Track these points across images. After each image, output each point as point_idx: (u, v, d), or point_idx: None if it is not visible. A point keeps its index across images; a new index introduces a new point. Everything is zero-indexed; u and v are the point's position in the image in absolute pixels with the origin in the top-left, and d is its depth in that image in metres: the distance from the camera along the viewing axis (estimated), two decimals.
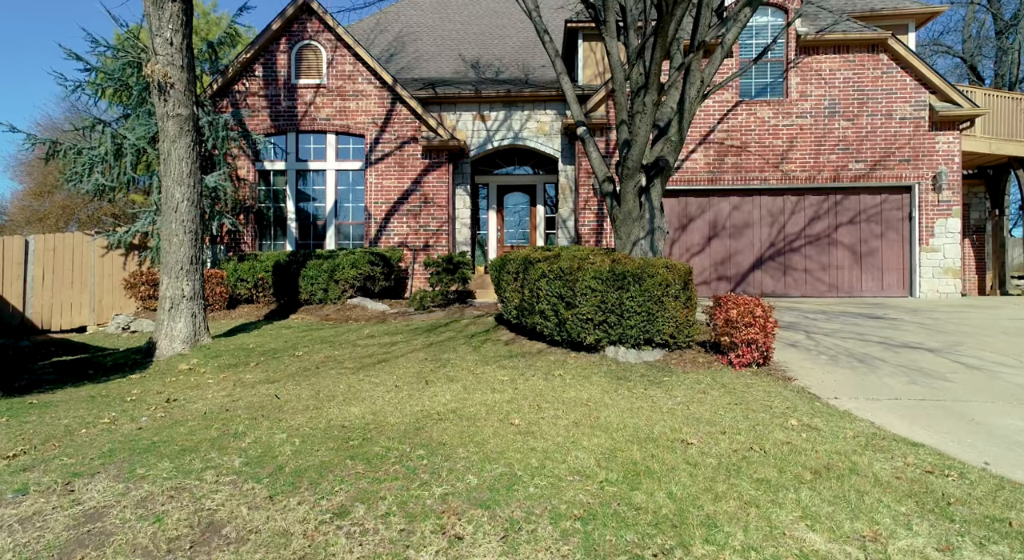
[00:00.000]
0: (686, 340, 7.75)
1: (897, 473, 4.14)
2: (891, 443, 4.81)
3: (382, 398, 5.48)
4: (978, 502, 3.73)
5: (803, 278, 14.76)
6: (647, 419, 4.82)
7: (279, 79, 15.33)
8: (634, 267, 7.64)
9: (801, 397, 6.04)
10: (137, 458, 4.11)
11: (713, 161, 14.73)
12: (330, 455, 3.90)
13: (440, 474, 3.59)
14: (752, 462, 4.04)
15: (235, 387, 6.87)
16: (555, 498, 3.35)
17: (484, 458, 3.82)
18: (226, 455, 4.02)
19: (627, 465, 3.78)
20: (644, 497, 3.39)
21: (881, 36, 14.00)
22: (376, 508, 3.24)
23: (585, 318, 7.69)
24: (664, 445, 4.19)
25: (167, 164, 9.42)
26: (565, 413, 4.86)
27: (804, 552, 2.96)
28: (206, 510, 3.29)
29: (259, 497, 3.38)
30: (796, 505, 3.44)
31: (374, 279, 13.58)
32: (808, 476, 3.89)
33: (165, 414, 5.65)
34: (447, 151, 15.29)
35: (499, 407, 4.98)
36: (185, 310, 9.52)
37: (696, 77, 8.95)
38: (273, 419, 4.89)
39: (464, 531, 3.05)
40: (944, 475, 4.19)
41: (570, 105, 9.82)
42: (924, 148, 14.19)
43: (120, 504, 3.43)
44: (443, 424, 4.47)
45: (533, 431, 4.36)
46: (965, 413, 5.67)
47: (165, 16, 9.08)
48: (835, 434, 4.95)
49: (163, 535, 3.11)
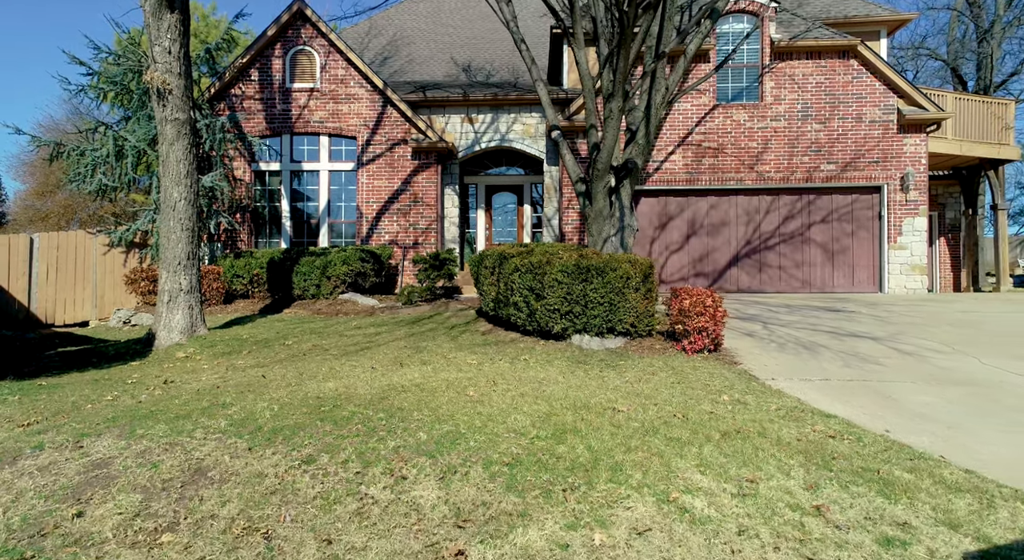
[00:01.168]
0: (646, 329, 8.36)
1: (800, 437, 4.75)
2: (807, 415, 5.41)
3: (357, 377, 6.09)
4: (859, 458, 4.33)
5: (778, 275, 15.37)
6: (589, 393, 5.44)
7: (274, 83, 15.95)
8: (598, 261, 8.25)
9: (741, 378, 6.64)
10: (137, 423, 4.71)
11: (691, 162, 15.33)
12: (303, 418, 4.51)
13: (395, 432, 4.20)
14: (672, 426, 4.65)
15: (227, 370, 7.47)
16: (490, 450, 3.96)
17: (435, 419, 4.43)
18: (214, 419, 4.63)
19: (558, 426, 4.39)
20: (566, 449, 3.99)
21: (851, 43, 14.60)
22: (337, 457, 3.85)
23: (552, 308, 8.30)
24: (596, 412, 4.79)
25: (165, 165, 10.03)
26: (516, 388, 5.47)
27: (688, 488, 3.57)
28: (195, 459, 3.90)
29: (240, 449, 3.99)
30: (696, 457, 4.04)
31: (365, 275, 14.18)
32: (717, 436, 4.49)
33: (162, 392, 6.26)
34: (436, 152, 15.90)
35: (459, 382, 5.58)
36: (183, 303, 10.12)
37: (661, 84, 9.55)
38: (258, 393, 5.50)
39: (409, 473, 3.66)
40: (842, 439, 4.79)
41: (545, 110, 10.42)
42: (892, 150, 14.80)
43: (122, 455, 4.04)
44: (405, 394, 5.08)
45: (483, 400, 4.97)
46: (885, 391, 6.27)
47: (163, 26, 9.69)
48: (760, 407, 5.55)
49: (159, 477, 3.72)
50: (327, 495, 3.45)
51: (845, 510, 3.47)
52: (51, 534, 3.24)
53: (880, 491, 3.76)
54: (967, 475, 4.14)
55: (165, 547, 3.09)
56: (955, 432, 5.14)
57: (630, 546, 3.03)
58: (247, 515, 3.30)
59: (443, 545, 3.03)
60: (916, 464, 4.28)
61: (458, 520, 3.25)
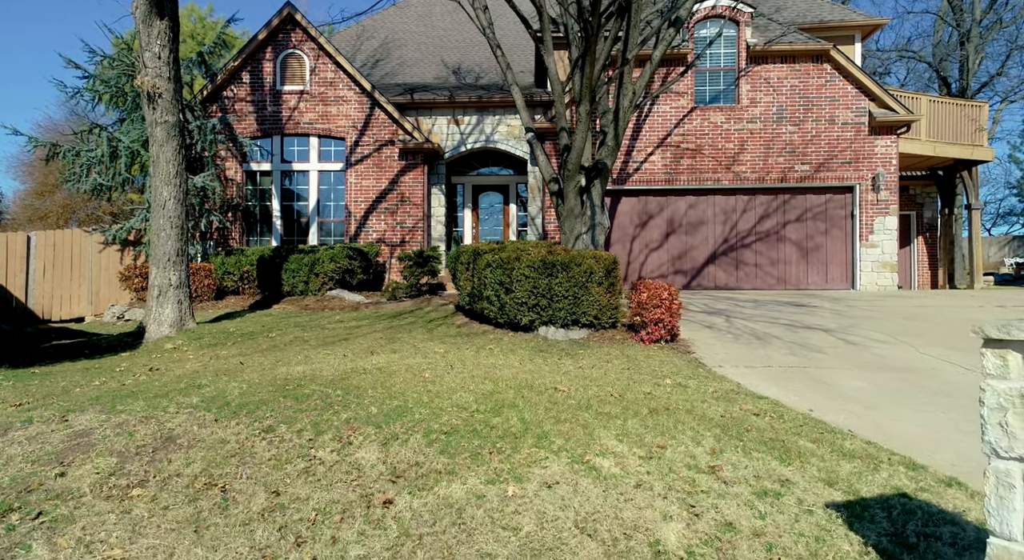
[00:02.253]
0: (609, 321, 8.81)
1: (725, 414, 5.19)
2: (740, 396, 5.86)
3: (328, 363, 6.55)
4: (773, 431, 4.78)
5: (754, 272, 15.82)
6: (538, 376, 5.89)
7: (265, 85, 16.40)
8: (564, 257, 8.70)
9: (690, 365, 7.10)
10: (118, 401, 5.17)
11: (670, 163, 15.78)
12: (268, 396, 4.96)
13: (349, 406, 4.65)
14: (605, 403, 5.10)
15: (210, 359, 7.93)
16: (432, 421, 4.41)
17: (387, 396, 4.88)
18: (188, 397, 5.08)
19: (499, 402, 4.84)
20: (500, 420, 4.44)
21: (823, 47, 15.05)
22: (294, 427, 4.30)
23: (520, 302, 8.75)
24: (538, 391, 5.25)
25: (155, 166, 10.48)
26: (471, 371, 5.92)
27: (601, 452, 4.02)
28: (166, 429, 4.35)
29: (207, 420, 4.44)
30: (619, 428, 4.49)
31: (352, 272, 14.63)
32: (645, 412, 4.94)
33: (147, 378, 6.72)
34: (422, 153, 16.35)
35: (418, 367, 6.03)
36: (172, 297, 10.57)
37: (628, 89, 10.00)
38: (232, 376, 5.95)
39: (355, 440, 4.11)
40: (765, 416, 5.24)
41: (520, 113, 10.88)
42: (864, 151, 15.25)
43: (102, 427, 4.49)
44: (365, 376, 5.53)
45: (436, 381, 5.42)
46: (821, 377, 6.72)
47: (153, 33, 10.15)
48: (698, 390, 6.00)
49: (133, 444, 4.17)
50: (280, 457, 3.91)
51: (738, 470, 3.92)
52: (36, 490, 3.70)
53: (778, 457, 4.21)
54: (866, 446, 4.58)
55: (135, 499, 3.55)
56: (873, 411, 5.59)
57: (537, 496, 3.48)
58: (208, 473, 3.76)
59: (375, 495, 3.49)
60: (823, 436, 4.73)
61: (392, 476, 3.70)
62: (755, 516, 3.33)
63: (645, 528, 3.20)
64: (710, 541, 3.12)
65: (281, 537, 3.16)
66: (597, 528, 3.19)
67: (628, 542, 3.09)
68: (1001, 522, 2.28)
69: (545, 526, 3.21)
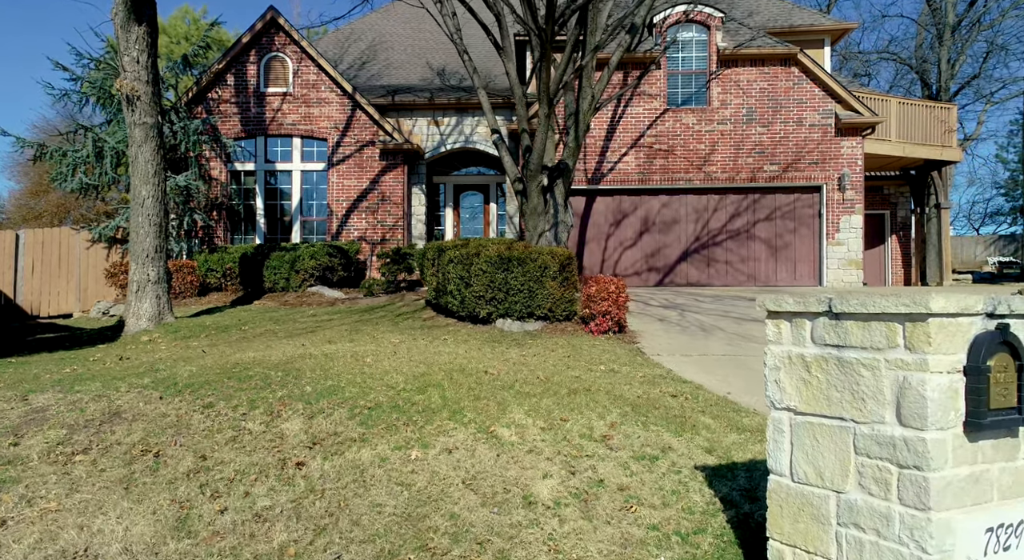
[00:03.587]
0: (564, 314, 9.21)
1: (642, 395, 5.59)
2: (666, 381, 6.26)
3: (282, 350, 6.95)
4: (680, 409, 5.17)
5: (725, 269, 16.22)
6: (474, 361, 6.29)
7: (249, 87, 16.82)
8: (520, 253, 9.10)
9: (630, 353, 7.50)
10: (77, 383, 5.57)
11: (644, 163, 16.18)
12: (214, 377, 5.36)
13: (287, 386, 5.05)
14: (529, 384, 5.50)
15: (180, 349, 8.33)
16: (360, 399, 4.81)
17: (324, 377, 5.28)
18: (141, 379, 5.49)
19: (427, 383, 5.24)
20: (423, 398, 4.85)
21: (791, 51, 15.46)
22: (231, 403, 4.71)
23: (478, 295, 9.16)
24: (468, 373, 5.65)
25: (135, 165, 10.89)
26: (412, 357, 6.32)
27: (507, 424, 4.42)
28: (115, 405, 4.76)
29: (153, 398, 4.85)
30: (532, 405, 4.89)
31: (333, 269, 15.03)
32: (564, 392, 5.34)
33: (114, 365, 7.12)
34: (403, 154, 16.77)
35: (363, 353, 6.44)
36: (150, 292, 10.96)
37: (587, 92, 10.41)
38: (189, 362, 6.36)
39: (284, 414, 4.52)
40: (681, 397, 5.63)
41: (487, 115, 11.29)
42: (831, 152, 15.65)
43: (58, 404, 4.90)
44: (309, 360, 5.93)
45: (375, 365, 5.82)
46: (749, 365, 7.12)
47: (132, 38, 10.56)
48: (627, 374, 6.40)
49: (83, 418, 4.58)
50: (212, 428, 4.31)
51: (629, 439, 4.32)
52: None
53: (673, 430, 4.61)
54: (764, 422, 4.98)
55: (76, 463, 3.95)
56: None
57: (436, 459, 3.89)
58: (146, 442, 4.16)
59: (291, 459, 3.89)
60: (726, 414, 5.13)
61: (311, 443, 4.10)
62: (625, 475, 3.74)
63: (524, 484, 3.60)
64: (578, 494, 3.52)
65: (200, 492, 3.56)
66: (480, 484, 3.59)
67: (505, 494, 3.50)
68: (776, 461, 2.69)
69: (435, 482, 3.62)
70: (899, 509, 2.20)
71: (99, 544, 3.11)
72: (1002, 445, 2.28)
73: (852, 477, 2.36)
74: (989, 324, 2.22)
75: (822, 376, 2.50)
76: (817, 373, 2.53)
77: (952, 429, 2.17)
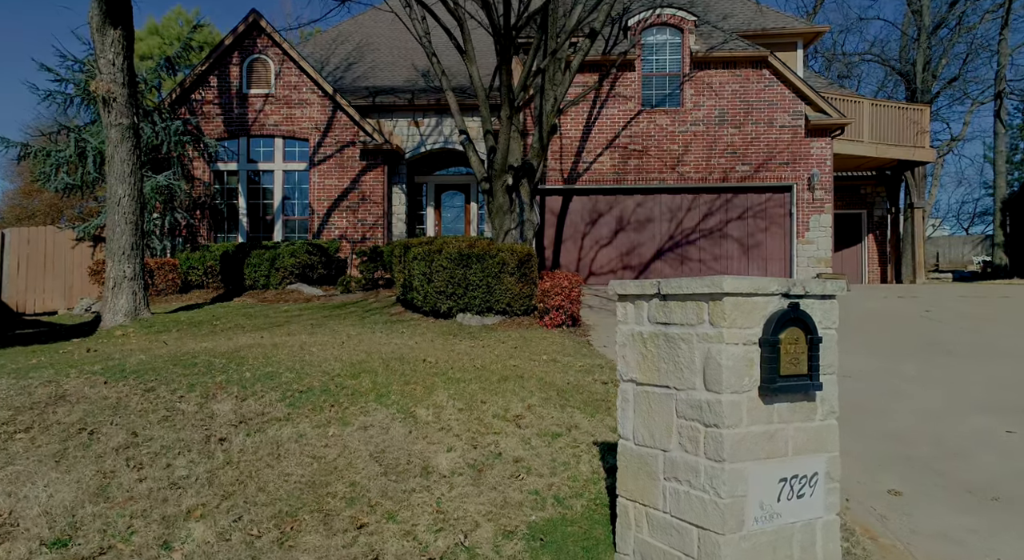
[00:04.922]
0: (522, 308, 9.49)
1: (572, 382, 5.87)
2: (602, 369, 6.53)
3: (236, 341, 7.23)
4: (604, 395, 5.45)
5: (698, 267, 16.49)
6: (416, 350, 6.57)
7: (232, 89, 17.11)
8: (480, 250, 9.39)
9: (577, 345, 7.77)
10: (33, 371, 5.85)
11: (619, 163, 16.48)
12: (162, 365, 5.64)
13: (228, 372, 5.33)
14: (462, 371, 5.77)
15: (148, 343, 8.60)
16: (295, 383, 5.10)
17: (265, 364, 5.56)
18: (94, 367, 5.77)
19: (362, 369, 5.52)
20: (355, 382, 5.13)
21: (762, 54, 15.75)
22: (171, 386, 4.99)
23: (439, 290, 9.44)
24: (406, 361, 5.92)
25: (111, 165, 11.17)
26: (359, 347, 6.60)
27: (428, 405, 4.70)
28: (62, 389, 5.04)
29: (99, 383, 5.12)
30: (458, 389, 5.17)
31: (312, 267, 15.32)
32: (496, 379, 5.62)
33: (80, 357, 7.39)
34: (383, 154, 17.06)
35: (311, 343, 6.72)
36: (127, 288, 11.24)
37: (550, 94, 10.70)
38: (145, 352, 6.64)
39: (219, 396, 4.80)
40: (610, 384, 5.91)
41: (454, 116, 11.58)
42: (801, 153, 15.95)
43: (9, 389, 5.17)
44: (256, 349, 6.21)
45: (318, 353, 6.10)
46: None
47: (107, 41, 10.85)
48: (567, 364, 6.67)
49: (29, 400, 4.85)
50: (148, 409, 4.60)
51: (542, 419, 4.60)
52: None
53: (588, 412, 4.89)
54: None
55: (16, 441, 4.23)
56: None
57: (350, 435, 4.17)
58: (83, 421, 4.44)
59: (215, 435, 4.18)
60: None
61: (237, 422, 4.39)
62: (524, 448, 4.02)
63: (426, 457, 3.88)
64: (474, 465, 3.80)
65: (125, 464, 3.85)
66: (386, 457, 3.88)
67: (407, 466, 3.78)
68: (623, 427, 2.97)
69: (344, 455, 3.90)
70: (704, 462, 2.48)
71: (22, 508, 3.39)
72: (799, 408, 2.56)
73: (674, 437, 2.65)
74: (784, 303, 2.50)
75: (655, 350, 2.79)
76: (651, 348, 2.81)
77: (747, 393, 2.45)
